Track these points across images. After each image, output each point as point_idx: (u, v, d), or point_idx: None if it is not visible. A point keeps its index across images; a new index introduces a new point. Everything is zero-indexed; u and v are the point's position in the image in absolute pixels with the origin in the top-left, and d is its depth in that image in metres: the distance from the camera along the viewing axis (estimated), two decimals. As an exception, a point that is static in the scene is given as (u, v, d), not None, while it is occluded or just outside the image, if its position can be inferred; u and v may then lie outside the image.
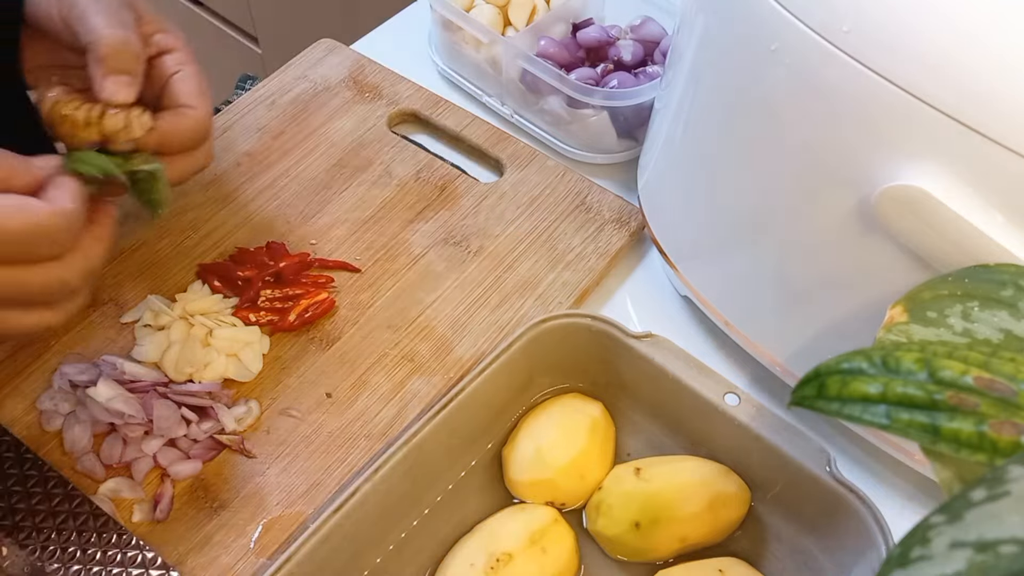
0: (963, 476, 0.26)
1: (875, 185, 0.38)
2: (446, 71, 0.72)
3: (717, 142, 0.48)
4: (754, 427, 0.47)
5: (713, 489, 0.47)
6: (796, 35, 0.38)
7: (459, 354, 0.55)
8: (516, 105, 0.68)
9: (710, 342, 0.58)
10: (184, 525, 0.48)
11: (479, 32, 0.66)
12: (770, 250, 0.47)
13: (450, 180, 0.64)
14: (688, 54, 0.48)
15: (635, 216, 0.61)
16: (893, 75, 0.35)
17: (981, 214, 0.35)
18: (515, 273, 0.59)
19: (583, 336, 0.51)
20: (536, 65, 0.63)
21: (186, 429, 0.50)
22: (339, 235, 0.60)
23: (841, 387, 0.28)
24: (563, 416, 0.50)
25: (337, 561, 0.44)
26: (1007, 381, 0.26)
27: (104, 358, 0.52)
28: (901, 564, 0.20)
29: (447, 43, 0.70)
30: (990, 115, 0.33)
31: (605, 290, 0.60)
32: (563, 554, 0.46)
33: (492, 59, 0.67)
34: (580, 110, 0.63)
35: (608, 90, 0.62)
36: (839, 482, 0.44)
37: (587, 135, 0.65)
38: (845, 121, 0.38)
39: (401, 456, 0.45)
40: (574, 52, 0.66)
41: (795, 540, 0.48)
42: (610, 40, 0.66)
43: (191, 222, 0.60)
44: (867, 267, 0.42)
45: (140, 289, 0.57)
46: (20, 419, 0.51)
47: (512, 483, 0.49)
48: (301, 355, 0.55)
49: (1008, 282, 0.33)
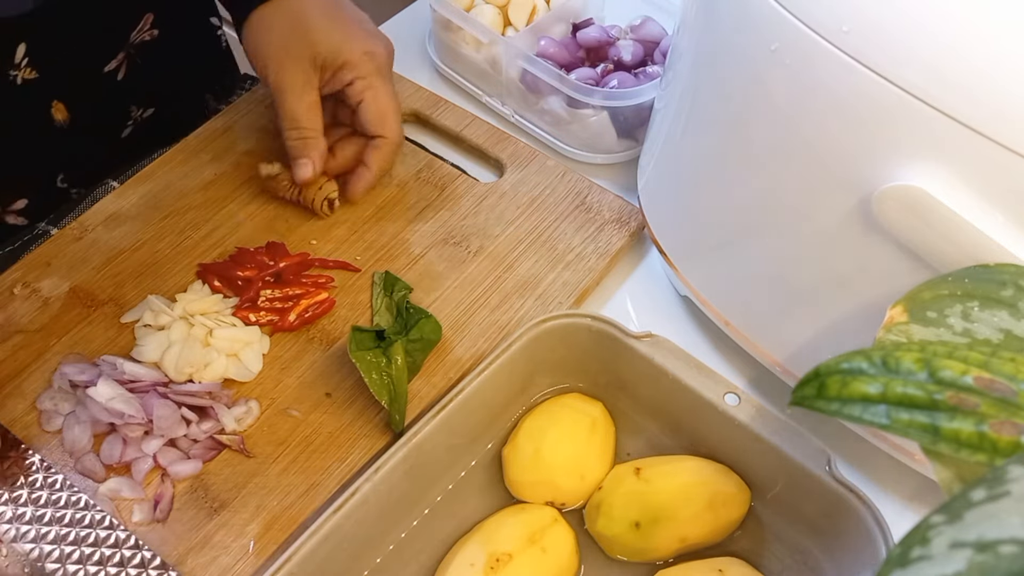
0: (963, 476, 0.26)
1: (875, 185, 0.38)
2: (446, 71, 0.72)
3: (717, 142, 0.48)
4: (754, 427, 0.46)
5: (713, 489, 0.47)
6: (796, 35, 0.38)
7: (459, 354, 0.55)
8: (516, 105, 0.68)
9: (710, 342, 0.58)
10: (184, 525, 0.48)
11: (479, 32, 0.66)
12: (770, 250, 0.47)
13: (450, 180, 0.64)
14: (688, 54, 0.48)
15: (635, 216, 0.61)
16: (893, 75, 0.35)
17: (981, 214, 0.35)
18: (515, 273, 0.59)
19: (583, 336, 0.51)
20: (536, 65, 0.63)
21: (186, 429, 0.50)
22: (339, 235, 0.60)
23: (841, 387, 0.28)
24: (563, 416, 0.50)
25: (337, 561, 0.44)
26: (1007, 381, 0.26)
27: (104, 358, 0.52)
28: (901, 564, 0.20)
29: (447, 43, 0.70)
30: (990, 115, 0.33)
31: (605, 290, 0.60)
32: (563, 554, 0.46)
33: (492, 59, 0.67)
34: (580, 110, 0.63)
35: (608, 90, 0.62)
36: (839, 482, 0.44)
37: (587, 135, 0.65)
38: (845, 121, 0.38)
39: (401, 456, 0.45)
40: (574, 52, 0.66)
41: (795, 540, 0.48)
42: (610, 40, 0.66)
43: (191, 222, 0.60)
44: (867, 267, 0.42)
45: (140, 289, 0.57)
46: (20, 419, 0.51)
47: (512, 483, 0.49)
48: (301, 355, 0.55)
49: (1008, 282, 0.33)
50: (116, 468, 0.50)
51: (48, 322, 0.55)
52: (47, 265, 0.58)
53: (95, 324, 0.55)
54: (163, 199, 0.61)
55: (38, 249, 0.59)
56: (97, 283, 0.57)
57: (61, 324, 0.55)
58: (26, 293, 0.56)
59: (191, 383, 0.52)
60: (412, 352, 0.52)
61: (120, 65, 0.66)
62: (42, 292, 0.56)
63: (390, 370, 0.51)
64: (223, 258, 0.58)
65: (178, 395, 0.51)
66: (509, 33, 0.68)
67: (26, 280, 0.57)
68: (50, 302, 0.56)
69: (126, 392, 0.50)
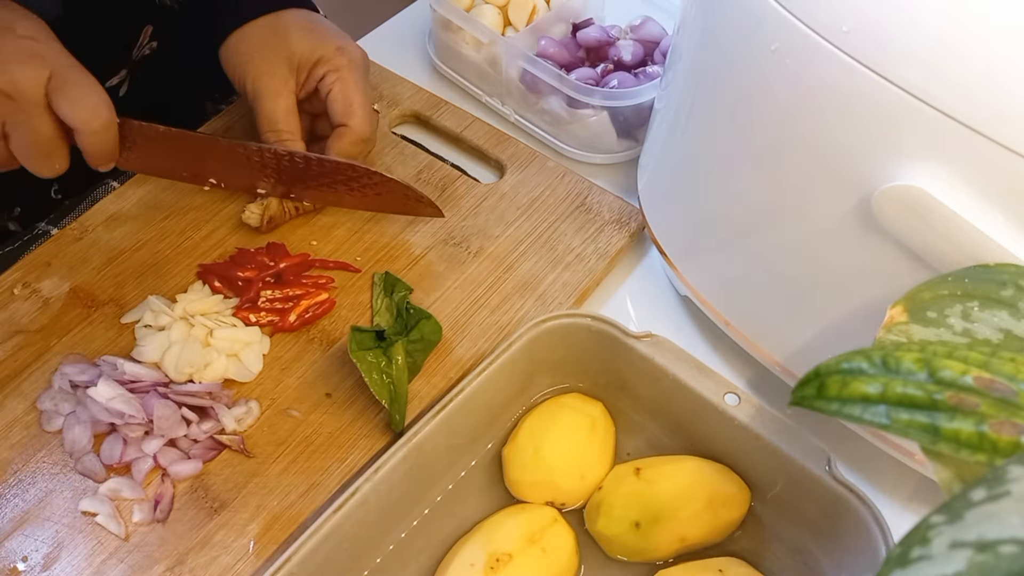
0: (963, 476, 0.26)
1: (875, 185, 0.38)
2: (445, 71, 0.72)
3: (717, 142, 0.48)
4: (754, 427, 0.46)
5: (713, 489, 0.47)
6: (796, 35, 0.38)
7: (459, 355, 0.55)
8: (516, 105, 0.68)
9: (710, 342, 0.58)
10: (184, 525, 0.48)
11: (479, 32, 0.66)
12: (770, 250, 0.47)
13: (450, 181, 0.64)
14: (688, 54, 0.48)
15: (635, 217, 0.61)
16: (893, 75, 0.35)
17: (981, 214, 0.35)
18: (515, 274, 0.59)
19: (583, 336, 0.51)
20: (536, 65, 0.63)
21: (186, 429, 0.50)
22: (339, 236, 0.60)
23: (841, 387, 0.28)
24: (563, 416, 0.50)
25: (337, 561, 0.44)
26: (1007, 381, 0.26)
27: (104, 358, 0.52)
28: (901, 564, 0.20)
29: (447, 44, 0.70)
30: (990, 115, 0.33)
31: (605, 290, 0.60)
32: (563, 554, 0.46)
33: (492, 59, 0.67)
34: (580, 110, 0.63)
35: (608, 90, 0.62)
36: (839, 482, 0.44)
37: (587, 135, 0.65)
38: (845, 121, 0.38)
39: (401, 456, 0.45)
40: (574, 52, 0.66)
41: (795, 540, 0.48)
42: (610, 40, 0.66)
43: (191, 222, 0.60)
44: (867, 267, 0.42)
45: (141, 289, 0.57)
46: (20, 419, 0.51)
47: (512, 483, 0.49)
48: (301, 355, 0.55)
49: (1008, 282, 0.33)
50: (116, 468, 0.50)
51: (48, 322, 0.55)
52: (47, 265, 0.58)
53: (95, 324, 0.55)
54: (164, 199, 0.61)
55: (38, 249, 0.59)
56: (97, 283, 0.57)
57: (61, 324, 0.55)
58: (26, 293, 0.56)
59: (191, 383, 0.52)
60: (412, 352, 0.52)
61: (122, 82, 0.67)
62: (42, 292, 0.56)
63: (390, 370, 0.50)
64: (223, 258, 0.58)
65: (178, 395, 0.51)
66: (509, 33, 0.68)
67: (26, 280, 0.57)
68: (50, 302, 0.56)
69: (126, 392, 0.50)
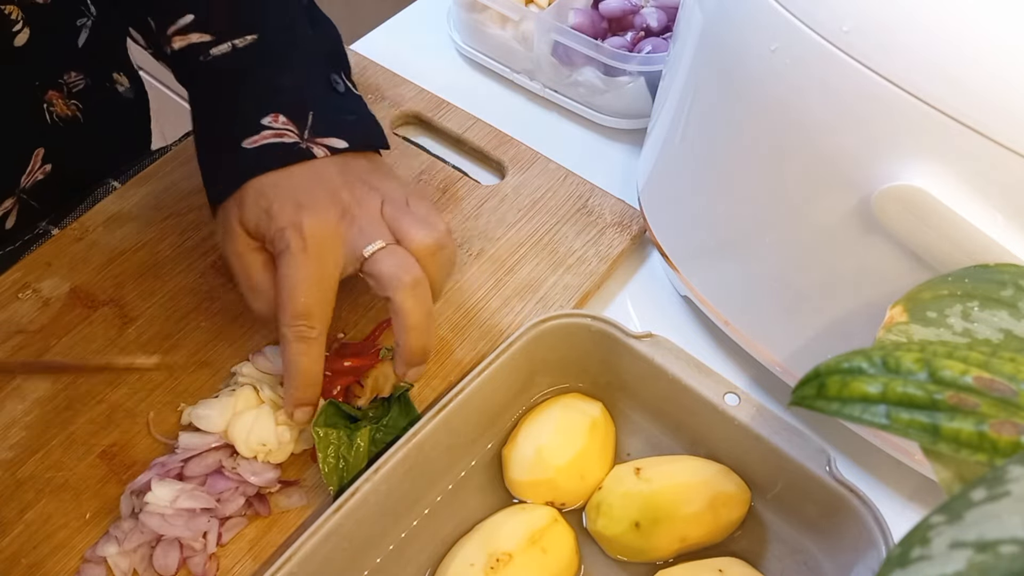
0: (963, 476, 0.26)
1: (875, 185, 0.38)
2: (468, 51, 0.73)
3: (716, 143, 0.48)
4: (754, 427, 0.46)
5: (713, 489, 0.47)
6: (796, 35, 0.38)
7: (459, 357, 0.55)
8: (547, 79, 0.70)
9: (710, 342, 0.58)
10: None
11: (508, 10, 0.67)
12: (770, 250, 0.47)
13: (452, 182, 0.64)
14: (687, 55, 0.48)
15: (636, 219, 0.61)
16: (893, 75, 0.35)
17: (981, 214, 0.35)
18: (516, 276, 0.59)
19: (583, 336, 0.51)
20: (571, 37, 0.64)
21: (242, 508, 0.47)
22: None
23: (841, 387, 0.28)
24: (563, 416, 0.50)
25: (337, 561, 0.44)
26: (1007, 381, 0.26)
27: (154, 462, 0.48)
28: (901, 564, 0.20)
29: (470, 24, 0.71)
30: (990, 115, 0.33)
31: (606, 291, 0.60)
32: (563, 554, 0.46)
33: (521, 35, 0.68)
34: (617, 78, 0.65)
35: (645, 55, 0.64)
36: (839, 482, 0.44)
37: (622, 103, 0.67)
38: (845, 121, 0.38)
39: (401, 456, 0.45)
40: (597, 23, 0.68)
41: (795, 540, 0.48)
42: (633, 9, 0.68)
43: (192, 223, 0.60)
44: (867, 267, 0.42)
45: (141, 290, 0.57)
46: (20, 419, 0.51)
47: (512, 483, 0.49)
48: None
49: (1008, 282, 0.33)
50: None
51: (48, 322, 0.55)
52: (48, 265, 0.58)
53: (96, 325, 0.55)
54: (164, 200, 0.62)
55: (39, 249, 0.59)
56: (97, 284, 0.57)
57: (61, 325, 0.55)
58: (27, 294, 0.56)
59: (255, 461, 0.48)
60: (377, 441, 0.49)
61: (7, 213, 0.63)
62: (42, 292, 0.56)
63: (348, 455, 0.47)
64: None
65: (239, 475, 0.46)
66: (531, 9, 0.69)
67: (26, 280, 0.57)
68: (50, 302, 0.56)
69: (186, 485, 0.45)
